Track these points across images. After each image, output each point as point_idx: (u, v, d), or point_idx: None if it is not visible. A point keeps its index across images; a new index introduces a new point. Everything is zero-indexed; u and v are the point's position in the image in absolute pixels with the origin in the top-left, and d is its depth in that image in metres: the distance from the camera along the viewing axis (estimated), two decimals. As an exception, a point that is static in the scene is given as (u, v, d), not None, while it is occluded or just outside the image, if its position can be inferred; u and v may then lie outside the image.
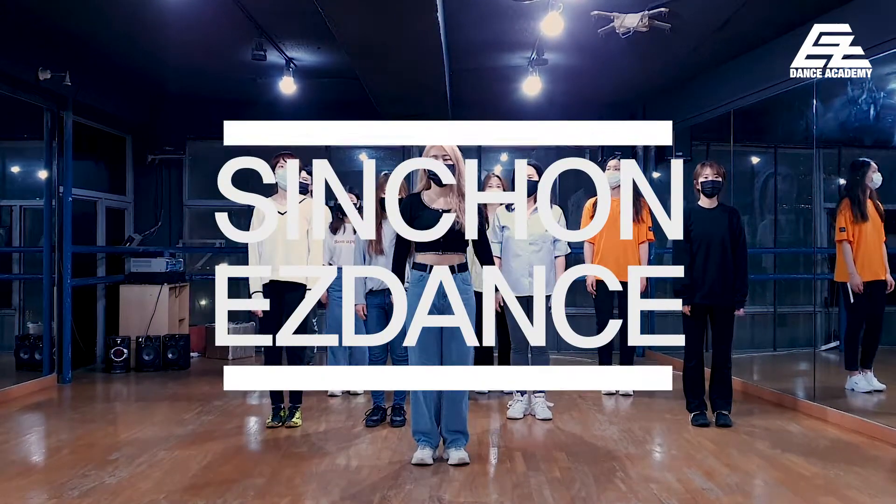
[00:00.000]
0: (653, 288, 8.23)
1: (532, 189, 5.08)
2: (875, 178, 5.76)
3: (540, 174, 5.10)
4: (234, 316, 8.31)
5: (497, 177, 5.80)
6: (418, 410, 4.08)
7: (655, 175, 8.53)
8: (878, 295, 5.75)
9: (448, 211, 3.90)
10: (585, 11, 5.17)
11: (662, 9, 5.01)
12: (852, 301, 5.70)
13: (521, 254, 5.06)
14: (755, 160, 8.95)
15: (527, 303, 5.13)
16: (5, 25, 5.78)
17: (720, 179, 4.91)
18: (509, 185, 5.71)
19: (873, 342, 5.81)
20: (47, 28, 5.94)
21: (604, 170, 5.93)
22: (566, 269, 5.17)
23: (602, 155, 8.31)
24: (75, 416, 5.41)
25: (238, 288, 5.22)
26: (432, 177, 4.00)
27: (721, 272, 4.84)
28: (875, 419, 4.78)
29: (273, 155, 4.81)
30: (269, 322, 4.80)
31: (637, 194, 5.93)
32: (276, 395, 4.94)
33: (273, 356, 4.86)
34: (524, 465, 4.05)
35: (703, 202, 4.97)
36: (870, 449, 4.40)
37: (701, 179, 4.94)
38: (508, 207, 5.19)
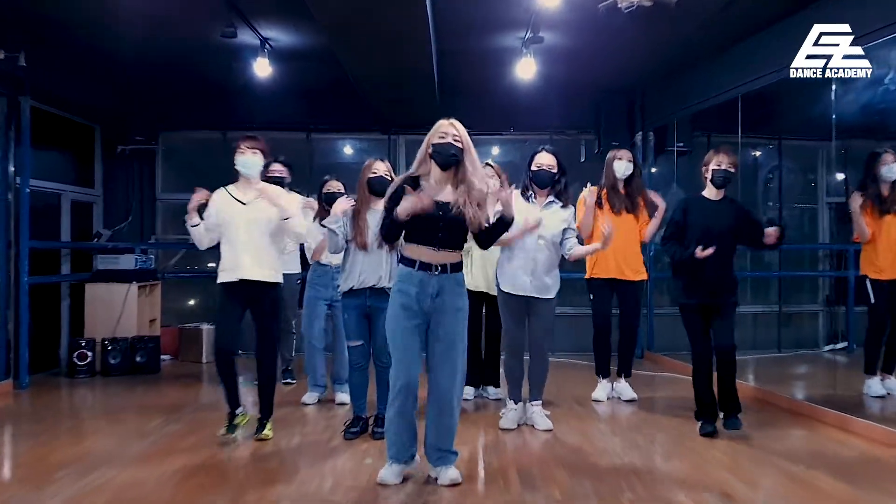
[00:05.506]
0: (652, 284, 7.84)
1: (550, 181, 4.63)
2: (884, 171, 5.35)
3: (560, 165, 4.64)
4: (205, 317, 7.85)
5: (490, 165, 5.35)
6: (399, 434, 3.56)
7: (654, 170, 8.15)
8: None
9: (454, 206, 3.41)
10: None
11: (669, -19, 4.62)
12: (873, 301, 5.30)
13: (526, 249, 4.56)
14: (757, 153, 8.56)
15: (526, 303, 4.71)
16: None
17: (733, 170, 4.49)
18: (508, 174, 5.29)
19: None
20: (-1, 4, 5.45)
21: (605, 160, 5.54)
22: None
23: (599, 146, 7.91)
24: (27, 426, 4.94)
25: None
26: (435, 158, 3.48)
27: (720, 271, 4.39)
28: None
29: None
30: (225, 322, 4.35)
31: (637, 188, 5.56)
32: (232, 399, 4.39)
33: (224, 359, 4.35)
34: (519, 484, 3.61)
35: (709, 192, 4.53)
36: (900, 463, 4.00)
37: (713, 167, 4.48)
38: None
